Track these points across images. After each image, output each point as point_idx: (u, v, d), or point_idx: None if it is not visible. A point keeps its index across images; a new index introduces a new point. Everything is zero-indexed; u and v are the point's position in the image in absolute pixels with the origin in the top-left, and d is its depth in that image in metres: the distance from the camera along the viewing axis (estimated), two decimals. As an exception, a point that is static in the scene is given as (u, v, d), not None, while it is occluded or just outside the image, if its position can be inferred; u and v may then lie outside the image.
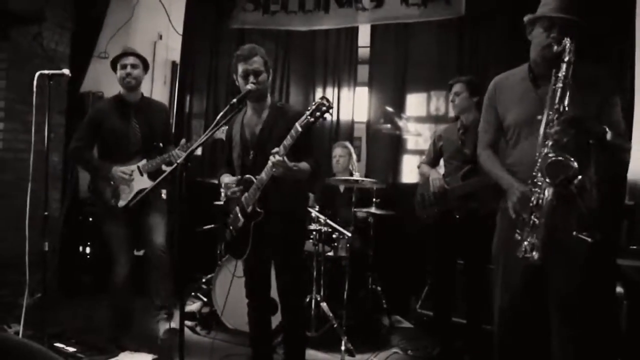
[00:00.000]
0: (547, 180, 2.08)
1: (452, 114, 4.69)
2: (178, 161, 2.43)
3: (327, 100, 2.52)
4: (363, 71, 5.14)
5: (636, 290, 3.13)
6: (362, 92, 5.14)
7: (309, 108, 2.54)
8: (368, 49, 5.09)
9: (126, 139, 3.51)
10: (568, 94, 2.12)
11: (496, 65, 4.39)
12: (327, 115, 2.55)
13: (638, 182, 4.13)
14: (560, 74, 2.15)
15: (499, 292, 2.44)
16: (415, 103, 4.94)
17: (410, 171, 4.85)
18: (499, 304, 2.45)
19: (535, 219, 2.13)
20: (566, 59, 2.14)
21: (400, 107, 4.92)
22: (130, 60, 3.54)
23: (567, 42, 2.15)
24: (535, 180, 2.16)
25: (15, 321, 3.66)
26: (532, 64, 2.39)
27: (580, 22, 2.23)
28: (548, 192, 2.10)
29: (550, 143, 2.12)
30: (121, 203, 3.47)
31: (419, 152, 4.84)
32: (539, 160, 2.13)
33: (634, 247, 3.50)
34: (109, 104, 3.68)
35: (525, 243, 2.15)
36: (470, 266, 3.61)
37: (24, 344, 2.23)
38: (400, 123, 4.91)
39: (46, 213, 3.16)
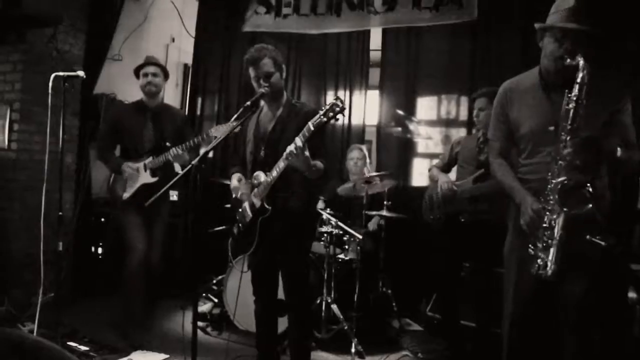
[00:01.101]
0: (560, 207, 2.07)
1: (463, 117, 4.74)
2: (193, 162, 2.45)
3: (341, 102, 2.53)
4: (374, 74, 5.15)
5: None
6: (374, 95, 5.14)
7: (323, 108, 2.55)
8: (379, 52, 5.10)
9: (141, 140, 3.80)
10: (581, 112, 2.09)
11: (509, 69, 4.40)
12: (339, 116, 2.56)
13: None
14: (573, 95, 2.11)
15: (510, 299, 2.42)
16: (426, 106, 4.94)
17: (420, 174, 4.85)
18: (510, 311, 2.42)
19: (548, 239, 2.12)
20: (579, 79, 2.10)
21: (411, 110, 4.92)
22: (152, 69, 3.84)
23: (580, 60, 2.11)
24: (548, 199, 2.14)
25: (29, 320, 3.72)
26: (544, 71, 2.34)
27: (592, 31, 2.19)
28: (560, 218, 2.08)
29: (563, 164, 2.10)
30: (125, 195, 3.76)
31: (430, 156, 4.84)
32: (552, 182, 2.12)
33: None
34: (130, 107, 4.00)
35: (539, 259, 2.14)
36: (479, 270, 3.61)
37: (39, 342, 2.26)
38: (411, 126, 4.91)
39: (60, 213, 3.20)
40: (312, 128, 2.54)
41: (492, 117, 2.58)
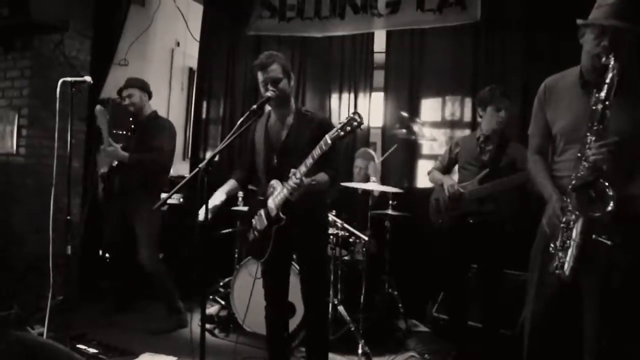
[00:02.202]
0: (579, 210, 2.06)
1: (467, 119, 4.76)
2: (200, 166, 2.47)
3: (359, 116, 2.53)
4: (379, 76, 5.17)
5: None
6: (378, 97, 5.16)
7: (341, 122, 2.55)
8: (383, 54, 5.11)
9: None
10: (608, 114, 2.05)
11: (512, 70, 4.45)
12: (358, 130, 2.57)
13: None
14: (601, 95, 2.07)
15: (533, 299, 2.39)
16: (430, 108, 4.95)
17: (425, 176, 4.84)
18: (533, 311, 2.39)
19: (566, 240, 2.10)
20: (608, 80, 2.05)
21: (415, 112, 4.94)
22: (127, 92, 4.25)
23: (611, 60, 2.05)
24: (568, 201, 2.13)
25: (38, 323, 3.75)
26: (583, 69, 2.28)
27: (633, 29, 2.11)
28: (579, 222, 2.06)
29: (586, 165, 2.07)
30: (102, 170, 4.33)
31: (434, 157, 4.84)
32: (571, 184, 2.10)
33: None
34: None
35: (557, 258, 2.13)
36: (486, 270, 3.61)
37: (49, 345, 2.29)
38: (416, 128, 4.92)
39: (69, 217, 3.23)
40: (329, 142, 2.55)
41: (533, 112, 2.55)
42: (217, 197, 2.95)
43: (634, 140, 2.09)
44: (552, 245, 2.19)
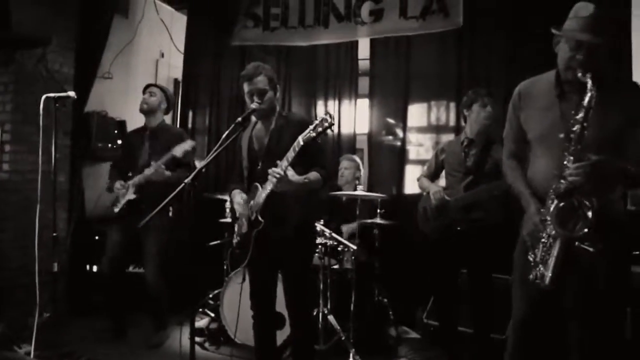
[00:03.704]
0: (558, 228, 2.07)
1: (452, 123, 4.78)
2: (185, 181, 2.47)
3: (330, 116, 2.56)
4: (364, 83, 5.18)
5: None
6: (363, 104, 5.17)
7: (313, 122, 2.59)
8: (368, 61, 5.13)
9: (136, 159, 4.04)
10: (585, 134, 2.07)
11: (496, 75, 4.49)
12: (329, 131, 2.59)
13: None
14: (579, 117, 2.08)
15: (517, 304, 2.41)
16: (416, 113, 4.97)
17: (413, 181, 4.85)
18: (516, 316, 2.41)
19: (545, 254, 2.13)
20: (586, 102, 2.06)
21: (401, 117, 4.95)
22: (152, 89, 4.16)
23: (589, 81, 2.06)
24: (544, 212, 2.15)
25: (25, 342, 3.70)
26: (561, 77, 2.29)
27: (607, 43, 2.14)
28: (557, 242, 2.09)
29: (564, 182, 2.09)
30: (115, 210, 4.02)
31: (421, 162, 4.87)
32: (551, 200, 2.12)
33: (637, 252, 3.52)
34: (135, 130, 4.32)
35: (538, 268, 2.16)
36: (475, 276, 3.63)
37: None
38: (402, 134, 4.94)
39: (55, 234, 3.20)
40: (301, 142, 2.59)
41: (507, 117, 2.56)
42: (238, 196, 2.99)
43: (608, 151, 2.10)
44: (531, 254, 2.22)
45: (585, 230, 2.02)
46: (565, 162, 2.10)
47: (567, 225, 2.06)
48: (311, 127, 2.58)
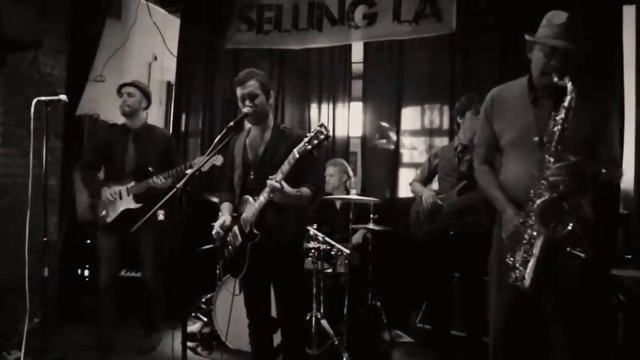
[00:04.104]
0: (541, 227, 2.09)
1: (446, 126, 4.79)
2: (178, 185, 2.46)
3: (325, 128, 2.55)
4: (357, 86, 5.18)
5: (634, 301, 3.13)
6: (357, 107, 5.17)
7: (307, 135, 2.57)
8: (361, 64, 5.14)
9: (122, 162, 3.83)
10: (565, 135, 2.10)
11: (488, 79, 4.49)
12: (325, 143, 2.57)
13: (631, 192, 4.18)
14: (559, 118, 2.12)
15: (495, 310, 2.43)
16: (410, 117, 4.98)
17: (406, 185, 4.84)
18: (495, 322, 2.43)
19: (525, 255, 2.15)
20: (566, 103, 2.10)
21: (394, 120, 4.96)
22: (129, 89, 3.93)
23: (569, 84, 2.11)
24: (529, 216, 2.16)
25: (14, 348, 3.67)
26: (534, 83, 2.33)
27: (579, 49, 2.20)
28: (539, 238, 2.11)
29: (545, 183, 2.12)
30: (107, 219, 3.81)
31: (415, 165, 4.88)
32: (534, 202, 2.14)
33: (630, 256, 3.54)
34: (114, 130, 4.08)
35: (517, 270, 2.18)
36: (468, 279, 3.63)
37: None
38: (395, 137, 4.95)
39: (45, 239, 3.18)
40: (297, 155, 2.57)
41: (479, 123, 2.60)
42: (226, 218, 2.95)
43: (582, 154, 2.14)
44: (509, 257, 2.23)
45: (569, 228, 2.05)
46: (546, 164, 2.13)
47: (549, 225, 2.08)
48: (306, 139, 2.56)
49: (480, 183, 2.55)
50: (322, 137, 2.54)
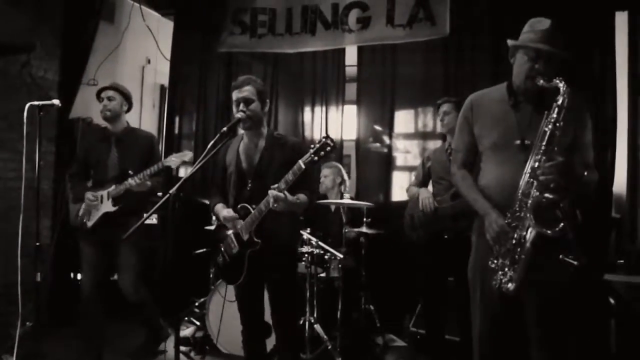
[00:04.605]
0: (534, 222, 2.10)
1: (440, 129, 4.79)
2: (170, 191, 2.45)
3: (332, 140, 2.57)
4: (351, 89, 5.19)
5: (626, 306, 3.13)
6: (351, 110, 5.18)
7: (313, 146, 2.58)
8: (355, 67, 5.15)
9: (105, 167, 3.73)
10: (557, 134, 2.13)
11: (481, 83, 4.50)
12: (332, 155, 2.59)
13: (623, 196, 4.21)
14: (551, 117, 2.15)
15: (477, 317, 2.42)
16: (403, 120, 5.01)
17: (400, 188, 4.89)
18: (478, 330, 2.42)
19: (515, 255, 2.15)
20: (559, 102, 2.14)
21: (388, 123, 4.98)
22: (109, 93, 3.77)
23: (561, 84, 2.14)
24: (518, 215, 2.17)
25: (7, 352, 3.64)
26: (514, 87, 2.37)
27: (563, 54, 2.25)
28: (531, 233, 2.11)
29: (535, 182, 2.14)
30: (89, 224, 3.69)
31: (408, 169, 4.90)
32: (520, 198, 2.16)
33: (622, 261, 3.55)
34: (96, 134, 3.98)
35: (501, 273, 2.18)
36: (462, 284, 3.62)
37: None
38: (388, 140, 4.95)
39: (38, 243, 3.16)
40: (302, 167, 2.58)
41: (457, 128, 2.60)
42: (227, 210, 2.91)
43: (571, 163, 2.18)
44: (493, 261, 2.23)
45: (559, 227, 2.06)
46: (535, 164, 2.15)
47: (542, 220, 2.10)
48: (312, 150, 2.57)
49: (460, 187, 2.54)
50: (328, 149, 2.56)
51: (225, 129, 2.73)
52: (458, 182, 2.55)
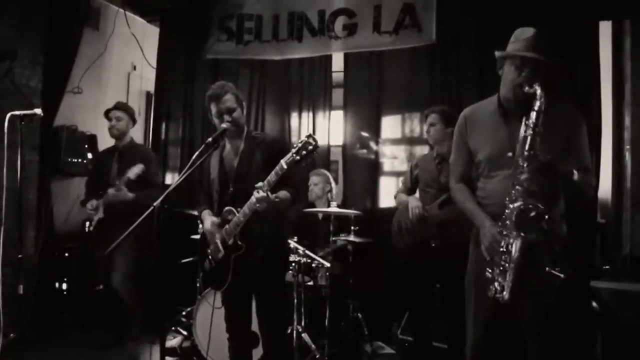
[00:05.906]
0: (516, 231, 2.12)
1: (426, 135, 4.80)
2: (154, 204, 2.43)
3: (314, 139, 2.54)
4: (338, 95, 5.19)
5: (611, 313, 3.15)
6: (338, 115, 5.17)
7: (295, 146, 2.56)
8: (342, 73, 5.14)
9: (107, 179, 4.14)
10: (538, 140, 2.14)
11: (467, 90, 4.53)
12: (315, 154, 2.57)
13: (609, 201, 4.23)
14: (530, 122, 2.17)
15: (472, 326, 2.44)
16: (390, 125, 5.00)
17: (387, 193, 4.87)
18: (472, 338, 2.44)
19: (505, 263, 2.16)
20: (536, 107, 2.16)
21: (375, 129, 4.97)
22: (117, 113, 4.25)
23: (538, 89, 2.17)
24: (505, 223, 2.19)
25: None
26: (502, 98, 2.40)
27: (549, 61, 2.26)
28: (517, 242, 2.13)
29: (520, 189, 2.15)
30: (92, 229, 4.16)
31: (395, 174, 4.89)
32: (509, 207, 2.17)
33: (607, 267, 3.56)
34: (105, 150, 4.50)
35: (496, 283, 2.19)
36: (450, 291, 3.63)
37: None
38: (375, 146, 4.95)
39: (20, 256, 3.12)
40: (284, 167, 2.56)
41: (453, 143, 2.63)
42: (212, 218, 2.91)
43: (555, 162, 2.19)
44: (489, 270, 2.24)
45: (545, 227, 2.08)
46: (519, 169, 2.17)
47: (525, 229, 2.11)
48: (294, 150, 2.55)
49: (457, 200, 2.56)
50: (310, 147, 2.53)
51: (210, 139, 2.71)
52: (456, 195, 2.57)
